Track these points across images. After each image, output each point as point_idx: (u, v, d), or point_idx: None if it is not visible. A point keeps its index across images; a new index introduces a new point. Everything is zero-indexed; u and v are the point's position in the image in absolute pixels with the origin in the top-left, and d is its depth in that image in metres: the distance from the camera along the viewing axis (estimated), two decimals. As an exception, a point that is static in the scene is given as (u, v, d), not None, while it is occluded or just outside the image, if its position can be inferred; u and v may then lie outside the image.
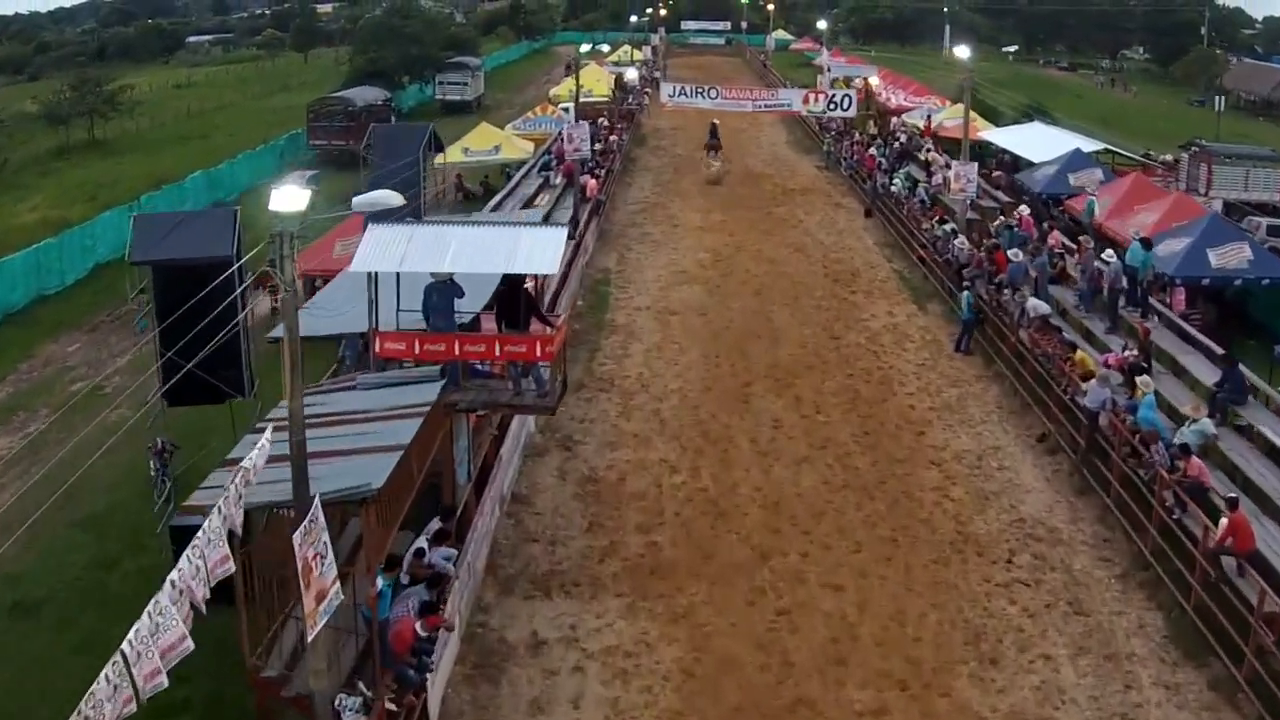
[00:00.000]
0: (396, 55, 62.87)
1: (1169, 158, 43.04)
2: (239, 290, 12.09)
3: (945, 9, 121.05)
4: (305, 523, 8.47)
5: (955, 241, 25.10)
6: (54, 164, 49.83)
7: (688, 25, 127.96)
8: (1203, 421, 15.67)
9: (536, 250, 12.14)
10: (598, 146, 39.93)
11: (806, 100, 33.81)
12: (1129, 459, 15.88)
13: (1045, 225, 25.77)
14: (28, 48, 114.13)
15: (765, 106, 33.87)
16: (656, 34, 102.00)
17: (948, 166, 31.61)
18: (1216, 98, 68.06)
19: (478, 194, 39.62)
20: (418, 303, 13.06)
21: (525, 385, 13.18)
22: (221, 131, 58.00)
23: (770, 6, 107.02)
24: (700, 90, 33.07)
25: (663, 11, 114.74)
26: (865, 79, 48.20)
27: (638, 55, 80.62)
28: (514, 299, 12.85)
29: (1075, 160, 33.07)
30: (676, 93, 33.01)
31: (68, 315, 26.85)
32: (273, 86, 79.91)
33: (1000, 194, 30.85)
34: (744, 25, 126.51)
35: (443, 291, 12.78)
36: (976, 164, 27.79)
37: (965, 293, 22.90)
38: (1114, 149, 39.97)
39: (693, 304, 26.13)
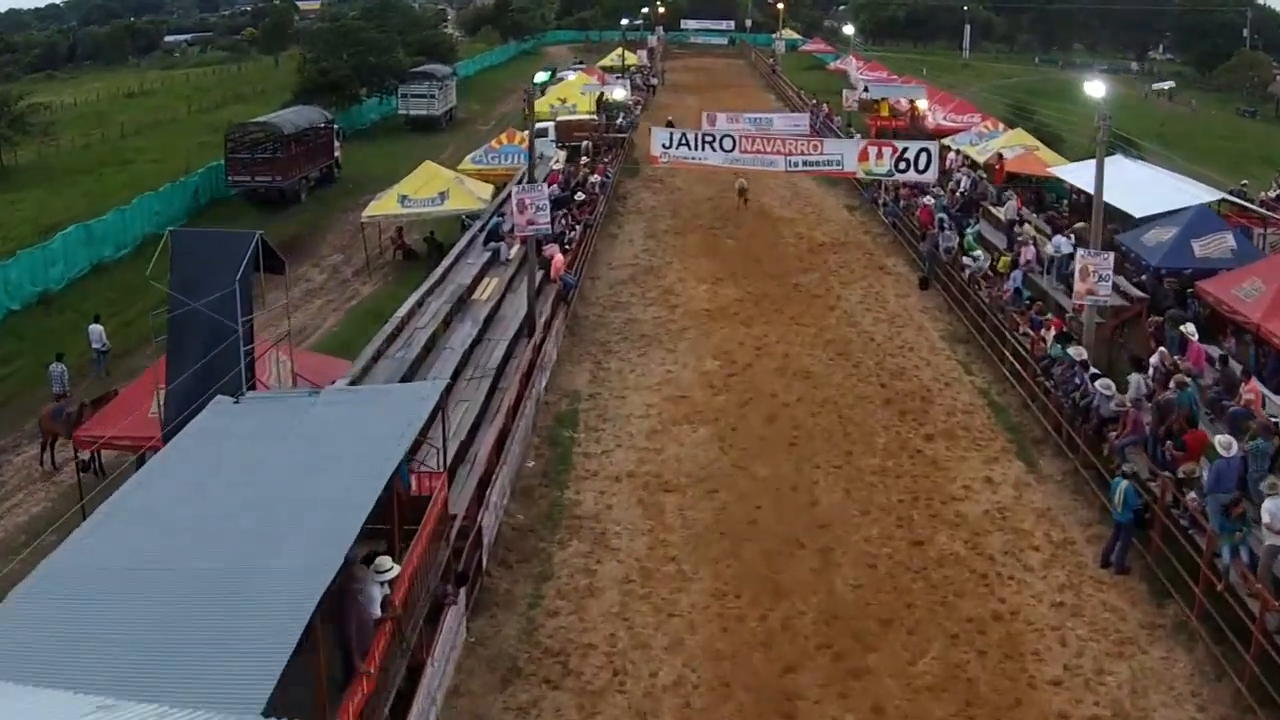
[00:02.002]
0: (351, 64, 54.22)
1: (1275, 195, 34.66)
2: None
3: (965, 7, 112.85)
4: None
5: (1096, 384, 16.52)
6: (-54, 201, 41.41)
7: (688, 24, 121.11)
8: None
9: None
10: (579, 196, 31.35)
11: (865, 156, 23.85)
12: None
13: (1236, 370, 17.25)
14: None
15: (805, 165, 24.22)
16: (654, 33, 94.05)
17: (1049, 237, 23.21)
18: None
19: (421, 253, 31.34)
20: None
21: None
22: (148, 156, 49.71)
23: (780, 5, 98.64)
24: (708, 139, 23.34)
25: (661, 9, 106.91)
26: (912, 101, 38.94)
27: (632, 59, 72.34)
28: None
29: (1199, 221, 24.16)
30: (674, 143, 23.51)
31: None
32: (227, 96, 71.44)
33: (1126, 281, 22.01)
34: (748, 24, 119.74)
35: None
36: (1112, 257, 19.06)
37: (1124, 481, 14.54)
38: (1229, 197, 31.33)
39: (697, 469, 17.65)
